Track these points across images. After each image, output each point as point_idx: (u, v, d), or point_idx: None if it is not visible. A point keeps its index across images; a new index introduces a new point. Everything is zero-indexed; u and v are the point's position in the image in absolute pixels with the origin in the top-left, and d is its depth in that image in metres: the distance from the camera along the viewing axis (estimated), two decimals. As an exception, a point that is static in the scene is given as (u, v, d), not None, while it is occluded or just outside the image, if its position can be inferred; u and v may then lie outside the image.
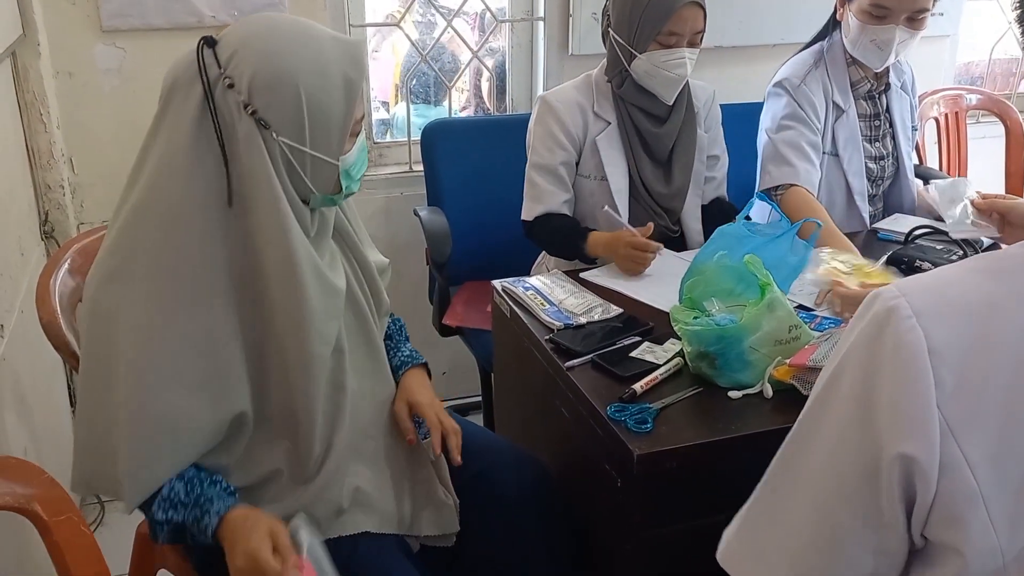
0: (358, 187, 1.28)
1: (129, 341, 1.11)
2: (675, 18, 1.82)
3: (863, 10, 1.94)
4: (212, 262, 1.14)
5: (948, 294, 0.70)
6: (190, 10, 2.22)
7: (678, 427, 1.29)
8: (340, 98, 1.15)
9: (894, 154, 2.16)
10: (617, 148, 1.97)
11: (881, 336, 0.69)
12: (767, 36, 2.73)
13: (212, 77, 1.11)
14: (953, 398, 0.66)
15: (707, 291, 1.43)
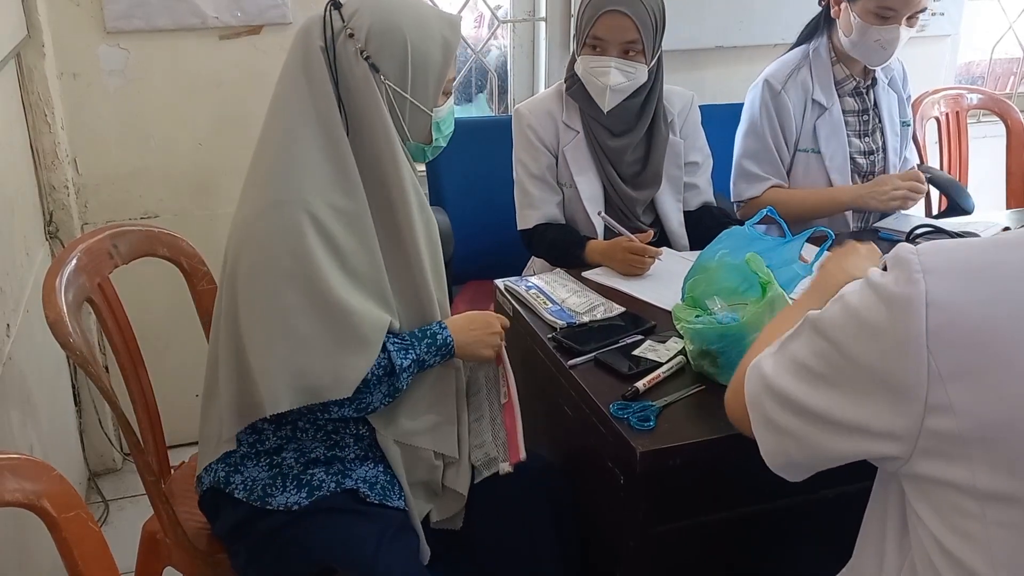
0: (445, 144, 1.45)
1: (314, 250, 1.26)
2: (598, 24, 1.82)
3: (869, 11, 1.96)
4: (356, 180, 1.32)
5: (958, 257, 0.78)
6: (194, 11, 2.23)
7: (680, 425, 1.29)
8: (438, 54, 1.34)
9: (883, 149, 2.18)
10: (586, 157, 1.98)
11: (892, 278, 0.79)
12: (768, 36, 2.73)
13: (336, 29, 1.31)
14: (946, 347, 0.75)
15: (709, 289, 1.44)
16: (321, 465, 1.36)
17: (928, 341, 0.75)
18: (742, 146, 2.16)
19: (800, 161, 2.13)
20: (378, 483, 1.37)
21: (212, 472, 1.37)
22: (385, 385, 1.33)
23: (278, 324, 1.26)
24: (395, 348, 1.33)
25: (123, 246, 1.53)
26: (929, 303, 0.75)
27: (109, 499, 2.37)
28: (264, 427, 1.36)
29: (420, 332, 1.38)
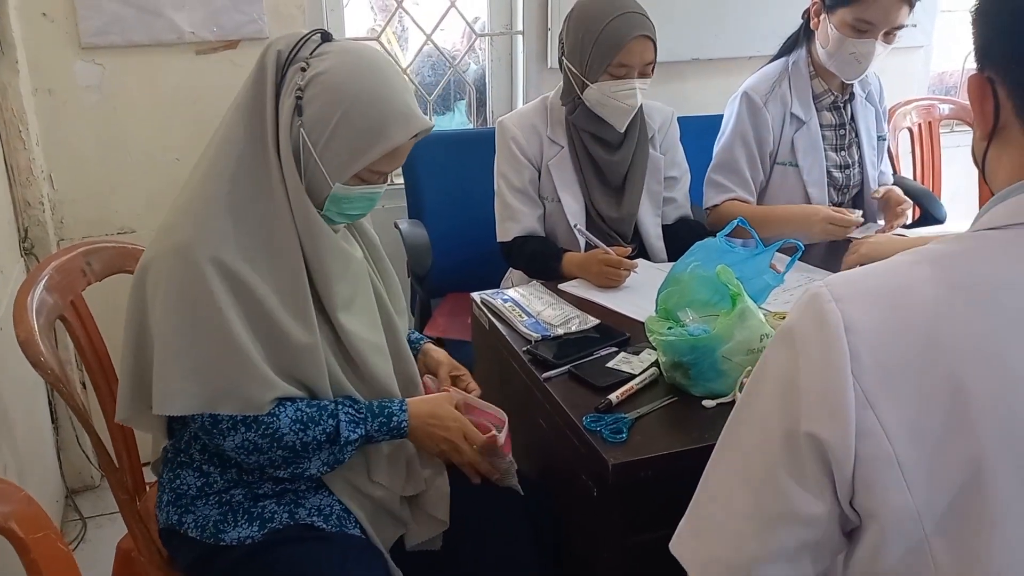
0: (341, 221, 1.34)
1: (215, 277, 1.20)
2: (625, 51, 1.83)
3: (846, 24, 1.98)
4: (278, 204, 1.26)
5: (868, 283, 0.77)
6: (170, 26, 2.23)
7: (653, 437, 1.30)
8: (368, 140, 1.25)
9: (860, 163, 2.20)
10: (569, 172, 1.99)
11: (804, 317, 0.77)
12: (744, 48, 2.76)
13: (299, 55, 1.26)
14: (868, 369, 0.73)
15: (682, 302, 1.45)
16: (271, 498, 1.34)
17: (852, 366, 0.73)
18: (715, 155, 2.18)
19: (777, 174, 2.16)
20: (333, 513, 1.34)
21: (164, 513, 1.36)
22: (326, 452, 1.29)
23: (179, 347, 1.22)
24: (347, 419, 1.29)
25: (97, 263, 1.53)
26: (847, 329, 0.74)
27: (87, 516, 2.35)
28: (210, 470, 1.33)
29: (378, 407, 1.33)
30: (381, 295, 1.44)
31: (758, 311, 1.40)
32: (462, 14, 2.69)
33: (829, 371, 0.74)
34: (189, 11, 2.23)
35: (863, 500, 0.74)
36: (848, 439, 0.73)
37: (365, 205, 1.34)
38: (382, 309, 1.43)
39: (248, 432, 1.24)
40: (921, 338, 0.73)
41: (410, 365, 1.47)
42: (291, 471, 1.29)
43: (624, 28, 1.82)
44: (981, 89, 0.81)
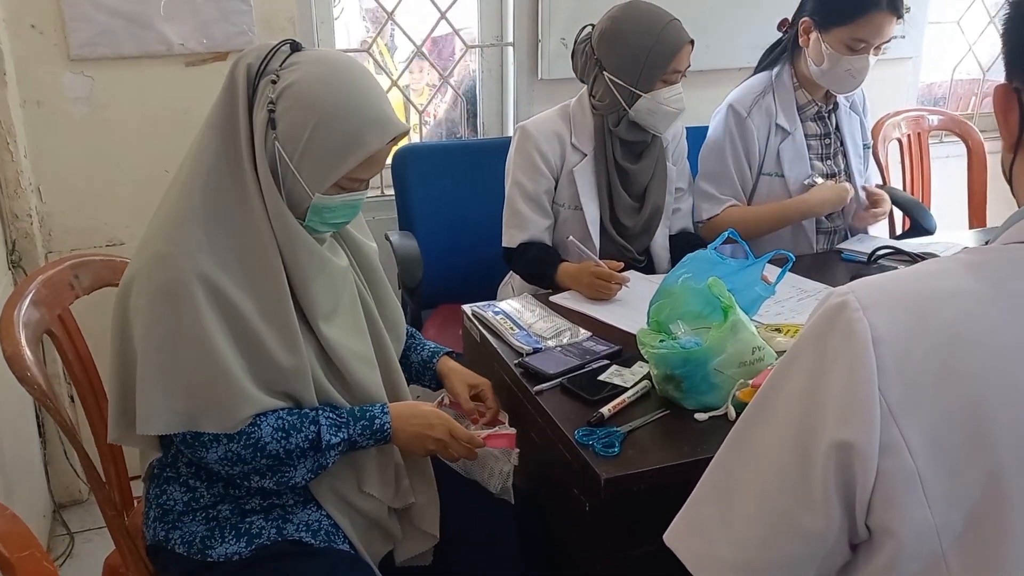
0: (325, 231, 1.33)
1: (198, 290, 1.19)
2: (679, 57, 1.89)
3: (842, 43, 2.00)
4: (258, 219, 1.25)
5: (892, 290, 0.75)
6: (159, 38, 2.22)
7: (645, 450, 1.30)
8: (344, 147, 1.23)
9: (846, 172, 2.22)
10: (592, 180, 2.00)
11: (832, 327, 0.74)
12: (730, 60, 2.77)
13: (269, 68, 1.24)
14: (894, 383, 0.70)
15: (673, 314, 1.45)
16: (259, 513, 1.33)
17: (879, 380, 0.71)
18: (702, 168, 2.19)
19: (764, 184, 2.16)
20: (321, 528, 1.34)
21: (151, 529, 1.34)
22: (310, 459, 1.28)
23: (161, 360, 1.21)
24: (327, 423, 1.27)
25: (84, 276, 1.52)
26: (875, 340, 0.72)
27: (75, 531, 2.33)
28: (196, 485, 1.32)
29: (360, 411, 1.32)
30: (368, 305, 1.43)
31: (750, 323, 1.40)
32: (452, 26, 2.69)
33: (855, 384, 0.71)
34: (179, 23, 2.23)
35: (881, 517, 0.72)
36: (872, 453, 0.71)
37: (348, 213, 1.32)
38: (369, 319, 1.42)
39: (231, 444, 1.23)
40: (946, 350, 0.71)
41: (398, 376, 1.46)
42: (276, 479, 1.28)
43: (674, 36, 1.88)
44: (1006, 99, 0.79)
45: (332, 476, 1.34)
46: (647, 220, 2.05)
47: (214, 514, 1.32)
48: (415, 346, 1.59)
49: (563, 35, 2.63)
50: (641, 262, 2.06)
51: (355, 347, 1.36)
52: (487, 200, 2.48)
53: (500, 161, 2.51)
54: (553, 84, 2.69)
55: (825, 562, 0.78)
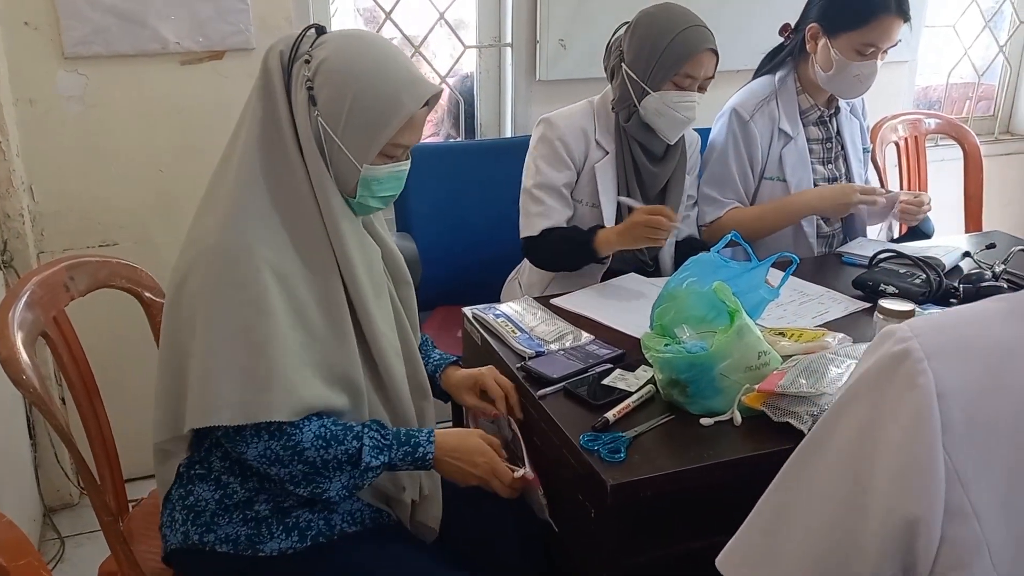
0: (379, 205, 1.36)
1: (266, 277, 1.21)
2: (694, 61, 1.87)
3: (852, 48, 2.00)
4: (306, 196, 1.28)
5: (963, 335, 0.69)
6: (155, 36, 2.20)
7: (651, 456, 1.28)
8: (385, 112, 1.26)
9: (847, 176, 2.21)
10: (611, 178, 1.99)
11: (893, 377, 0.68)
12: (731, 63, 2.75)
13: (300, 52, 1.28)
14: (961, 442, 0.65)
15: (678, 318, 1.44)
16: (303, 507, 1.32)
17: (944, 439, 0.65)
18: (707, 172, 2.18)
19: (766, 189, 2.16)
20: (366, 516, 1.36)
21: (180, 533, 1.32)
22: (347, 475, 1.27)
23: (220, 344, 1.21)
24: (371, 443, 1.27)
25: (80, 278, 1.49)
26: (939, 395, 0.66)
27: (65, 536, 2.30)
28: (230, 480, 1.31)
29: (405, 435, 1.32)
30: (394, 296, 1.44)
31: (755, 327, 1.39)
32: (451, 26, 2.68)
33: (918, 445, 0.66)
34: (174, 21, 2.20)
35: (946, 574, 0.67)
36: (937, 521, 0.66)
37: (395, 185, 1.36)
38: (396, 312, 1.43)
39: (271, 441, 1.23)
40: (1018, 405, 0.65)
41: (420, 371, 1.47)
42: (311, 489, 1.26)
43: (695, 39, 1.86)
44: None
45: None
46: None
47: (252, 514, 1.31)
48: (423, 354, 1.59)
49: (561, 36, 2.62)
50: (651, 267, 2.05)
51: (390, 335, 1.38)
52: (485, 201, 2.47)
53: (498, 162, 2.51)
54: (551, 85, 2.68)
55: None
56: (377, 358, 1.34)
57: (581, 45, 2.61)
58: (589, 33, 2.55)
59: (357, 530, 1.34)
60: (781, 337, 1.54)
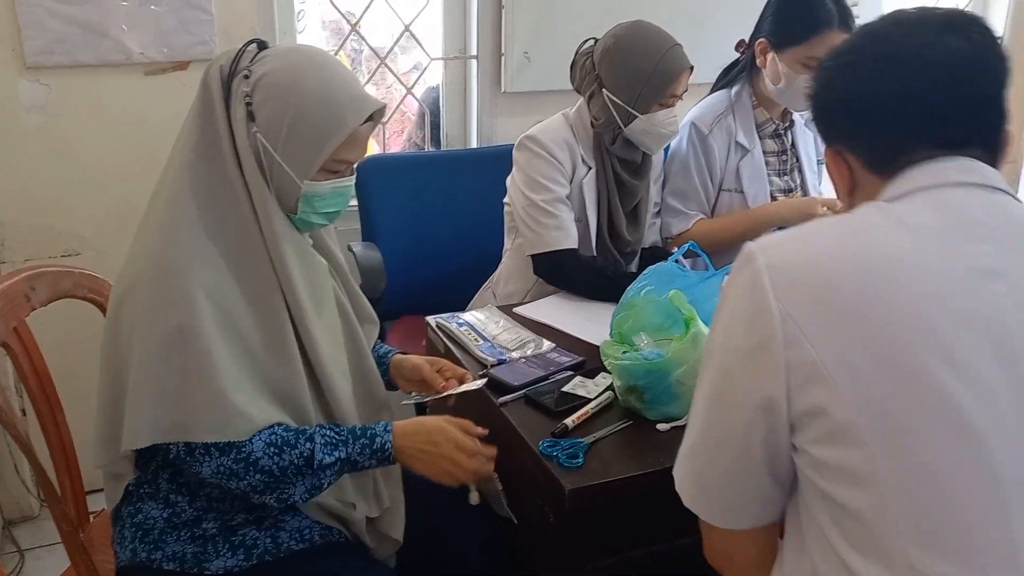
0: (320, 221, 1.33)
1: (200, 297, 1.19)
2: (678, 82, 1.91)
3: (798, 62, 2.05)
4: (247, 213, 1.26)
5: (784, 234, 0.96)
6: (118, 47, 2.19)
7: (608, 461, 1.31)
8: (326, 129, 1.24)
9: (802, 187, 2.27)
10: (595, 193, 2.02)
11: (739, 267, 0.94)
12: (694, 77, 2.81)
13: (240, 67, 1.26)
14: (786, 292, 0.88)
15: (636, 326, 1.47)
16: (250, 525, 1.32)
17: (775, 294, 0.88)
18: (670, 185, 2.22)
19: (724, 200, 2.20)
20: (314, 534, 1.34)
21: (128, 550, 1.31)
22: (307, 478, 1.24)
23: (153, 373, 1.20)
24: (322, 441, 1.25)
25: (41, 288, 1.49)
26: (768, 267, 0.90)
27: (25, 548, 2.27)
28: (178, 500, 1.30)
29: (360, 429, 1.29)
30: (345, 307, 1.43)
31: (711, 335, 1.42)
32: (416, 38, 2.70)
33: (755, 296, 0.90)
34: (138, 32, 2.20)
35: (799, 404, 0.88)
36: (779, 355, 0.88)
37: (339, 201, 1.33)
38: (347, 322, 1.42)
39: (222, 457, 1.21)
40: (826, 261, 0.89)
41: (378, 387, 1.46)
42: (276, 496, 1.24)
43: (675, 61, 1.91)
44: (836, 161, 1.02)
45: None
46: (640, 233, 2.09)
47: (200, 532, 1.29)
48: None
49: (526, 49, 2.65)
50: (635, 275, 2.08)
51: (333, 354, 1.36)
52: (451, 212, 2.50)
53: (464, 173, 2.54)
54: (516, 97, 2.71)
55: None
56: (320, 377, 1.32)
57: (545, 57, 2.64)
58: (553, 46, 2.59)
59: (305, 548, 1.32)
60: None
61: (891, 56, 0.95)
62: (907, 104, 0.94)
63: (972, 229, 0.90)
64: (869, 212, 0.94)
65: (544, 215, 1.97)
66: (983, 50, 0.94)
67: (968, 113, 0.94)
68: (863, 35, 1.01)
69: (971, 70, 0.93)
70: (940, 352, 0.84)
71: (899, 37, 0.96)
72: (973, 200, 0.92)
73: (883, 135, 0.97)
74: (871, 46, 0.98)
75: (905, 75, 0.94)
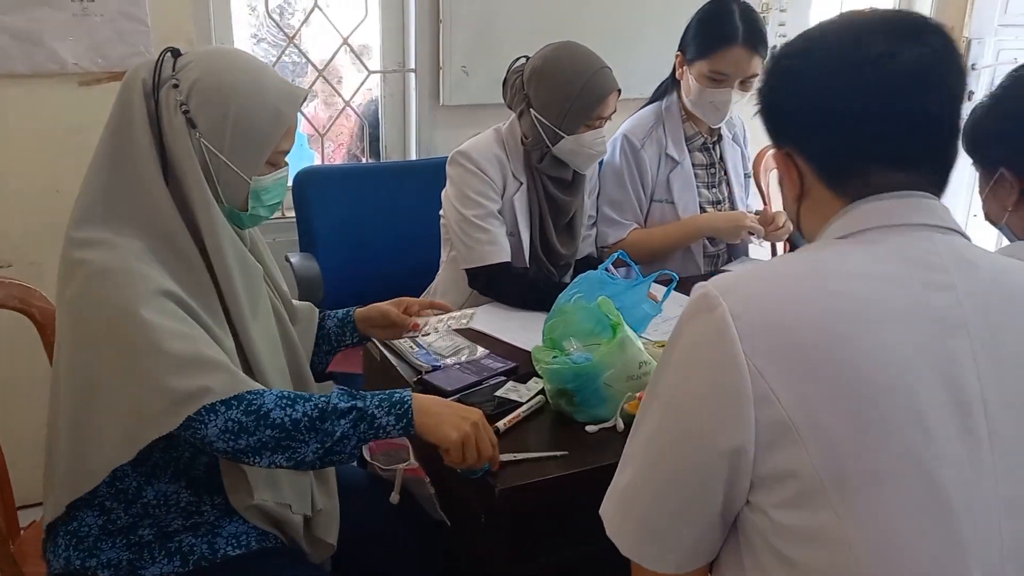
0: (268, 215, 1.38)
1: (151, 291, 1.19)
2: (604, 104, 1.96)
3: (704, 75, 2.13)
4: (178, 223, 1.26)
5: (741, 279, 0.91)
6: (52, 57, 2.18)
7: (539, 462, 1.35)
8: (266, 123, 1.29)
9: (729, 199, 2.35)
10: (526, 208, 2.06)
11: (696, 313, 0.90)
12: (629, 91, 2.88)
13: (164, 77, 1.26)
14: (754, 346, 0.84)
15: (566, 332, 1.51)
16: (186, 531, 1.32)
17: (744, 347, 0.84)
18: (605, 195, 2.28)
19: (656, 211, 2.28)
20: (251, 539, 1.35)
21: (62, 558, 1.29)
22: (319, 435, 1.19)
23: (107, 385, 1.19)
24: (337, 395, 1.23)
25: (-30, 299, 1.48)
26: (734, 316, 0.85)
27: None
28: (113, 506, 1.30)
29: (377, 391, 1.27)
30: (280, 310, 1.45)
31: (637, 340, 1.48)
32: (354, 51, 2.73)
33: (721, 351, 0.85)
34: (72, 42, 2.19)
35: (766, 465, 0.85)
36: (748, 413, 0.84)
37: (280, 191, 1.37)
38: (281, 324, 1.44)
39: (229, 411, 1.17)
40: (794, 312, 0.86)
41: (310, 386, 1.49)
42: (288, 455, 1.19)
43: (602, 84, 1.94)
44: (785, 163, 0.99)
45: (251, 490, 1.31)
46: (575, 247, 2.15)
47: (135, 539, 1.29)
48: (327, 316, 1.65)
49: (464, 63, 2.70)
50: (565, 287, 2.13)
51: (273, 359, 1.38)
52: (389, 223, 2.52)
53: (403, 185, 2.57)
54: (455, 110, 2.75)
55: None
56: (260, 381, 1.32)
57: (483, 71, 2.69)
58: (492, 60, 2.63)
59: (241, 553, 1.33)
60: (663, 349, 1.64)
61: (848, 64, 0.91)
62: (862, 118, 0.90)
63: (932, 277, 0.87)
64: (828, 256, 0.91)
65: (476, 230, 2.00)
66: (942, 61, 0.90)
67: (924, 130, 0.91)
68: (820, 35, 0.96)
69: (929, 84, 0.90)
70: (911, 412, 0.82)
71: (855, 42, 0.91)
72: (929, 245, 0.89)
73: (835, 147, 0.93)
74: (827, 49, 0.94)
75: (862, 87, 0.90)
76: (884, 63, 0.89)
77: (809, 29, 0.98)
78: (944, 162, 0.94)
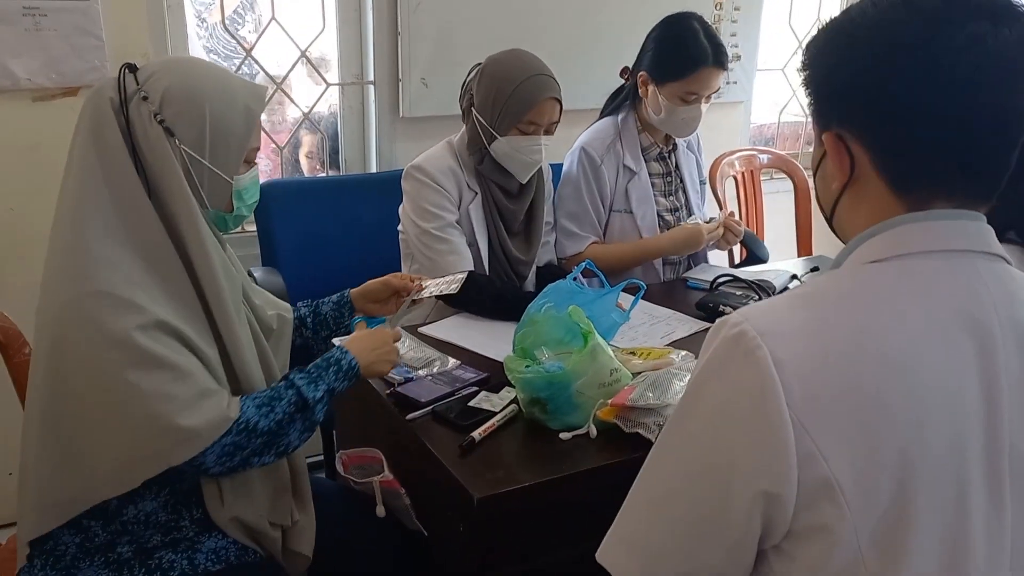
0: (248, 214, 1.42)
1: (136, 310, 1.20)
2: (536, 110, 1.97)
3: (676, 95, 2.21)
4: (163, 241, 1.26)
5: (780, 318, 0.83)
6: (4, 73, 2.14)
7: (514, 470, 1.36)
8: (240, 122, 1.31)
9: (686, 205, 2.41)
10: (482, 217, 2.09)
11: (734, 356, 0.82)
12: (581, 102, 2.92)
13: (129, 92, 1.25)
14: (802, 400, 0.78)
15: (537, 341, 1.54)
16: (166, 548, 1.31)
17: (788, 401, 0.77)
18: (563, 208, 2.32)
19: (615, 221, 2.32)
20: (231, 554, 1.35)
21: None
22: (300, 421, 1.32)
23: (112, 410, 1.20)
24: (303, 383, 1.34)
25: (-71, 320, 1.45)
26: (776, 363, 0.78)
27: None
28: (91, 524, 1.28)
29: (323, 361, 1.39)
30: (255, 327, 1.45)
31: (608, 348, 1.51)
32: (312, 63, 2.72)
33: (767, 407, 0.78)
34: (26, 57, 2.15)
35: (805, 519, 0.80)
36: (791, 491, 0.78)
37: (256, 189, 1.42)
38: (256, 337, 1.44)
39: (223, 438, 1.24)
40: (835, 368, 0.79)
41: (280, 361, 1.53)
42: (275, 451, 1.31)
43: (537, 89, 1.96)
44: (837, 146, 0.86)
45: (231, 504, 1.34)
46: (533, 254, 2.17)
47: (114, 556, 1.28)
48: (321, 303, 1.71)
49: (423, 75, 2.71)
50: (533, 294, 2.15)
51: (255, 359, 1.39)
52: (351, 235, 2.52)
53: (364, 197, 2.57)
54: (414, 122, 2.76)
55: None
56: (244, 383, 1.35)
57: (443, 83, 2.70)
58: (451, 72, 2.63)
59: (221, 568, 1.33)
60: (632, 356, 1.67)
61: (933, 48, 0.77)
62: (943, 114, 0.79)
63: (984, 343, 0.80)
64: (880, 306, 0.82)
65: (437, 241, 2.02)
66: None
67: (1007, 131, 0.81)
68: (890, 5, 0.81)
69: (1019, 75, 0.78)
70: (954, 486, 0.79)
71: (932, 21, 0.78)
72: (977, 281, 0.82)
73: (907, 143, 0.82)
74: (898, 25, 0.80)
75: (948, 77, 0.77)
76: (975, 48, 0.77)
77: (852, 13, 0.85)
78: (1008, 165, 0.83)
